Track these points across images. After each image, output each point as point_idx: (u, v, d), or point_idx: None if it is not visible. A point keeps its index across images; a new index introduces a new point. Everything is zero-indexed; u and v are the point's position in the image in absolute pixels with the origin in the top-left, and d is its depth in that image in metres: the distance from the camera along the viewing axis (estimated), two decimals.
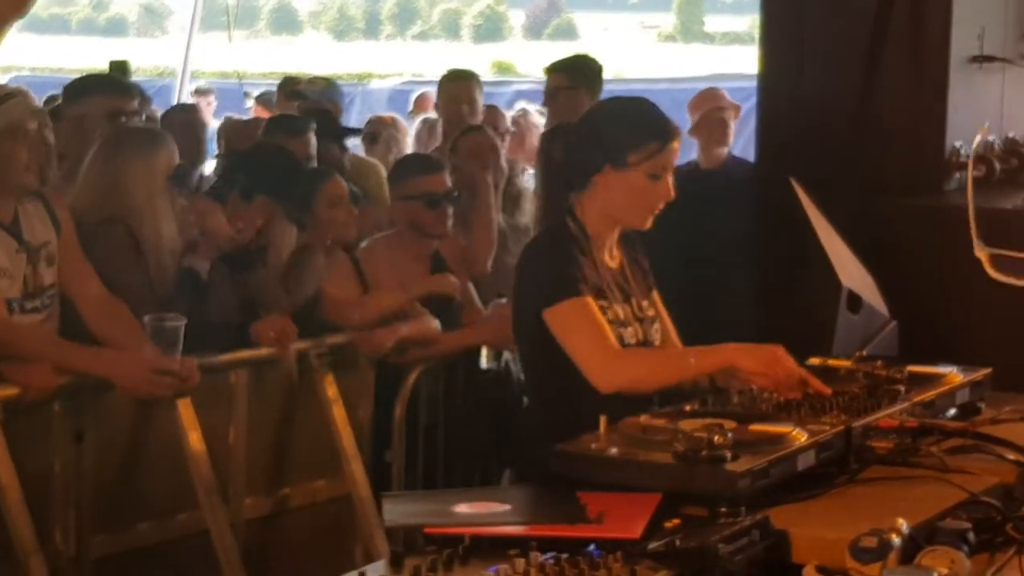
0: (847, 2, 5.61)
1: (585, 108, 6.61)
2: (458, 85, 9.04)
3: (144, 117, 7.39)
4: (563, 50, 10.13)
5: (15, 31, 4.93)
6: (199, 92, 12.04)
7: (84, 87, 7.16)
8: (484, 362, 6.46)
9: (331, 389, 5.92)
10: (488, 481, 3.96)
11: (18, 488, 4.89)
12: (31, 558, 4.85)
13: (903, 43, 5.50)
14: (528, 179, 8.13)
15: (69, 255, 5.41)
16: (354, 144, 8.83)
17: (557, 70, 8.73)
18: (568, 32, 38.08)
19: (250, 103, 10.24)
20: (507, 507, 3.27)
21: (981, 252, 3.42)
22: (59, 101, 7.18)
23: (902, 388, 4.07)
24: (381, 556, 3.37)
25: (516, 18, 39.73)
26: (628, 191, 4.36)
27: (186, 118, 8.44)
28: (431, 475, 6.09)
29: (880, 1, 5.49)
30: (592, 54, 9.26)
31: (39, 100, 6.23)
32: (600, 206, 4.39)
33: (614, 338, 4.28)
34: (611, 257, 4.42)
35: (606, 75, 9.29)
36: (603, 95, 8.24)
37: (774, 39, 5.80)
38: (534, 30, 37.59)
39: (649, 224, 4.45)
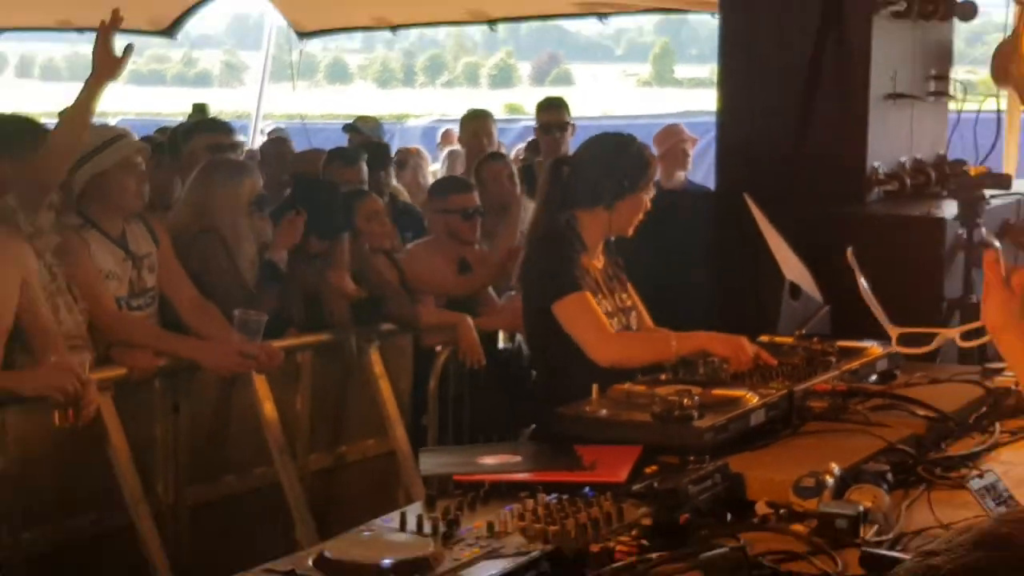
0: (787, 52, 5.51)
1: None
2: (478, 122, 9.08)
3: (235, 151, 7.38)
4: (561, 94, 9.87)
5: (120, 83, 5.05)
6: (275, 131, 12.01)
7: (192, 128, 7.26)
8: (500, 343, 6.54)
9: (378, 367, 5.97)
10: (504, 439, 3.99)
11: (127, 450, 4.98)
12: (138, 506, 4.96)
13: (832, 84, 5.35)
14: None
15: (166, 264, 5.49)
16: None
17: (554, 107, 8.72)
18: (565, 79, 37.90)
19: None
20: (519, 458, 3.34)
21: (892, 331, 3.50)
22: (157, 140, 7.23)
23: (833, 359, 4.19)
24: (418, 499, 3.36)
25: (524, 69, 39.41)
26: (635, 210, 4.53)
27: (277, 149, 8.57)
28: (458, 435, 6.12)
29: (813, 51, 5.38)
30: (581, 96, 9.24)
31: (140, 139, 6.28)
32: (605, 221, 4.52)
33: (608, 324, 4.42)
34: (598, 260, 4.55)
35: (596, 113, 9.36)
36: (595, 131, 8.28)
37: (730, 83, 5.72)
38: (538, 78, 37.28)
39: (631, 232, 4.61)
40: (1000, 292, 2.44)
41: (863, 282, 4.69)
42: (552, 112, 8.60)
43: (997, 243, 5.22)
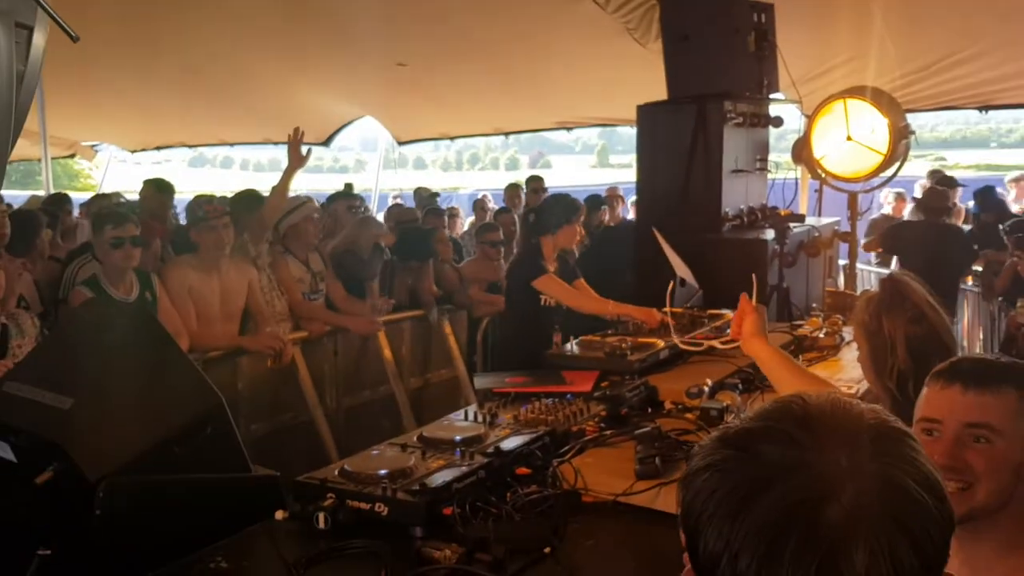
0: (675, 147, 5.43)
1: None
2: (513, 189, 8.93)
3: (363, 209, 7.36)
4: (544, 175, 9.85)
5: (301, 172, 5.04)
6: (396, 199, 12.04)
7: (336, 196, 7.21)
8: None
9: (448, 328, 5.95)
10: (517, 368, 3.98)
11: (309, 377, 5.00)
12: (316, 409, 4.99)
13: (701, 164, 5.29)
14: None
15: (331, 287, 5.41)
16: None
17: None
18: (547, 165, 38.14)
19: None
20: (530, 379, 3.33)
21: (676, 339, 3.35)
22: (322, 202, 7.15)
23: (706, 320, 4.17)
24: (472, 404, 3.38)
25: (523, 160, 39.71)
26: (570, 235, 4.49)
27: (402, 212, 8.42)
28: (495, 367, 5.77)
29: (690, 145, 5.29)
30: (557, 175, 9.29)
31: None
32: (555, 242, 4.47)
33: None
34: (551, 264, 4.46)
35: (565, 183, 9.37)
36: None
37: (643, 164, 5.65)
38: (532, 165, 37.52)
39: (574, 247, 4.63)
40: (750, 314, 2.48)
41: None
42: (536, 183, 8.69)
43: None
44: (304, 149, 4.89)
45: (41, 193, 9.46)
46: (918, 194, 8.19)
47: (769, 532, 0.80)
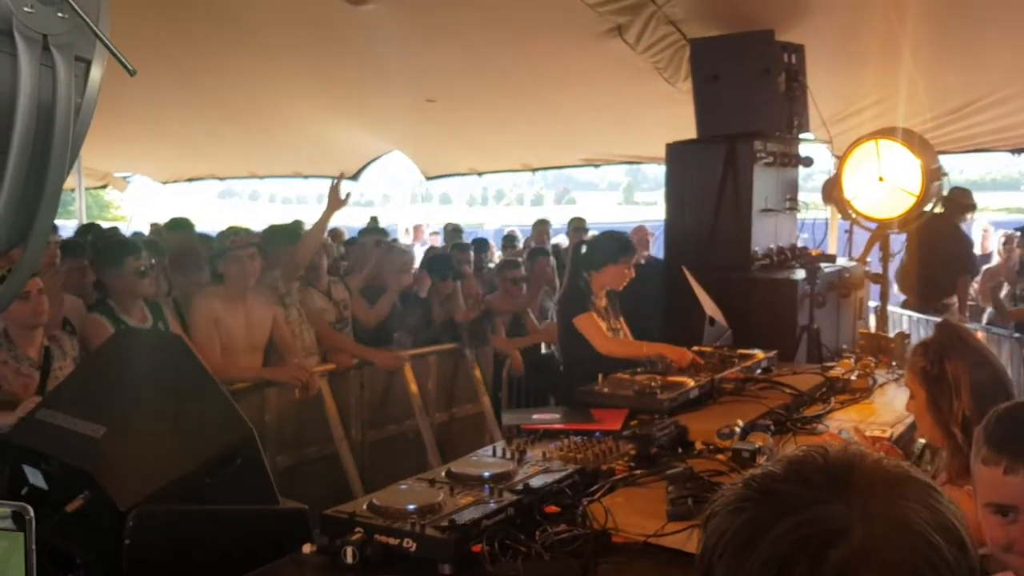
0: (705, 185, 5.44)
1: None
2: (542, 226, 9.12)
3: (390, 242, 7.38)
4: (570, 212, 9.93)
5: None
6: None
7: (366, 230, 7.33)
8: (542, 350, 6.39)
9: (474, 364, 5.96)
10: (540, 406, 3.88)
11: (335, 409, 5.03)
12: (341, 442, 5.01)
13: (730, 203, 5.26)
14: None
15: (356, 307, 5.51)
16: None
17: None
18: (572, 201, 38.36)
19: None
20: (558, 416, 3.32)
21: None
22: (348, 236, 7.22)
23: (736, 360, 4.10)
24: (497, 440, 3.35)
25: (549, 196, 39.95)
26: (617, 274, 4.40)
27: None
28: (520, 403, 6.00)
29: (720, 184, 5.32)
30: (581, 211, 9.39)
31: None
32: (602, 280, 4.41)
33: (607, 332, 4.34)
34: (600, 301, 4.43)
35: (589, 220, 9.47)
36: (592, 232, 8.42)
37: (672, 202, 5.67)
38: (557, 201, 37.76)
39: (620, 289, 4.49)
40: None
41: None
42: (578, 223, 8.89)
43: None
44: (343, 192, 4.97)
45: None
46: None
47: (773, 567, 0.79)
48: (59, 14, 1.02)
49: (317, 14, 6.39)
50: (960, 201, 6.64)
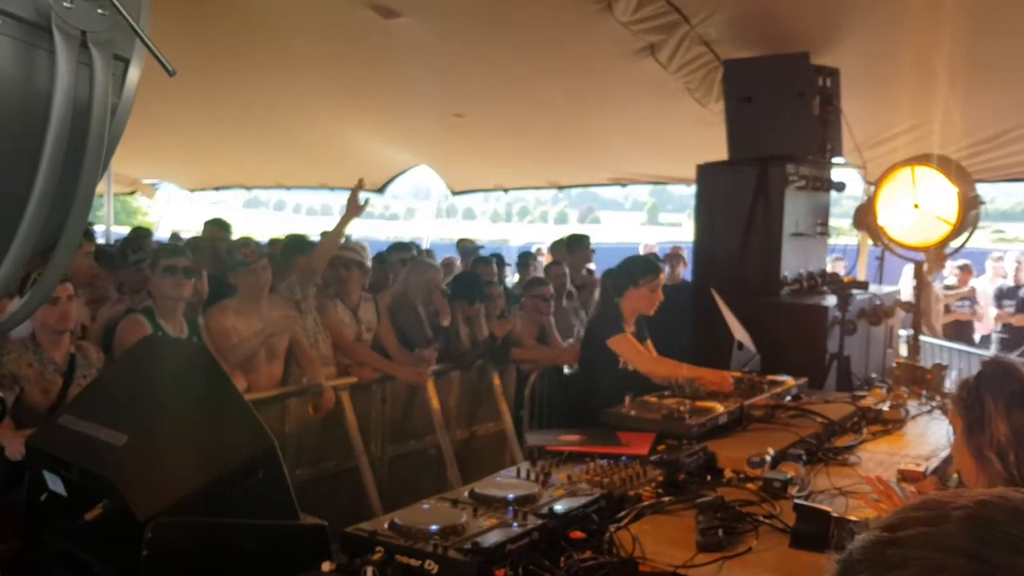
0: (735, 208, 5.39)
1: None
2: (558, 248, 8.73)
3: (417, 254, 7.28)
4: (593, 231, 9.76)
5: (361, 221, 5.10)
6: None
7: (392, 248, 7.23)
8: (565, 370, 6.19)
9: (496, 381, 5.88)
10: (567, 427, 3.82)
11: (356, 423, 4.98)
12: (361, 457, 4.97)
13: (760, 227, 5.21)
14: None
15: (383, 328, 5.37)
16: None
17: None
18: (596, 220, 38.25)
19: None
20: (584, 438, 3.25)
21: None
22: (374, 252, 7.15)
23: (765, 386, 4.02)
24: (519, 462, 3.28)
25: (573, 215, 39.92)
26: (641, 298, 4.26)
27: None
28: (541, 423, 5.84)
29: (750, 207, 5.28)
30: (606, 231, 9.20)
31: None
32: (629, 305, 4.28)
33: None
34: (630, 326, 4.29)
35: (613, 241, 9.21)
36: (613, 252, 8.23)
37: (701, 224, 5.60)
38: (581, 219, 37.70)
39: (652, 312, 4.35)
40: None
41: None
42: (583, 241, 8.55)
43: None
44: (362, 199, 4.94)
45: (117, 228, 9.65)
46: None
47: None
48: (99, 10, 0.99)
49: (348, 26, 6.40)
50: None
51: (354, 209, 4.90)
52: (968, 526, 0.75)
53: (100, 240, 8.46)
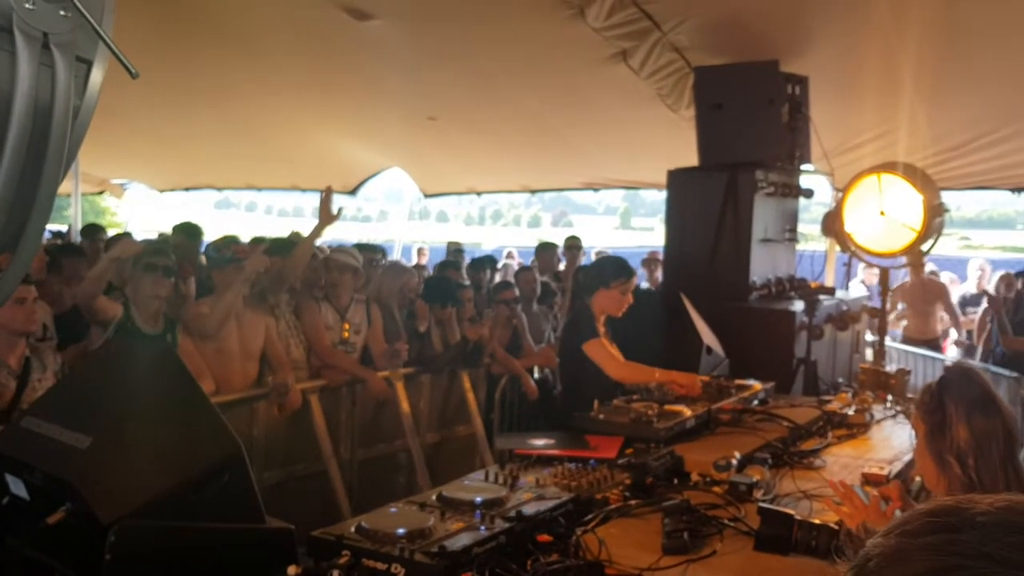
0: (705, 213, 5.43)
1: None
2: (547, 251, 8.68)
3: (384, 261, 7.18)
4: (567, 233, 9.79)
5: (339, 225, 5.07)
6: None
7: (360, 248, 7.06)
8: (536, 374, 6.26)
9: (467, 383, 5.85)
10: (538, 430, 3.78)
11: (325, 427, 4.94)
12: (330, 460, 4.93)
13: (730, 232, 5.22)
14: None
15: (374, 335, 5.38)
16: None
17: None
18: (569, 224, 38.33)
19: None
20: (553, 441, 3.26)
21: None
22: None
23: (733, 390, 4.05)
24: (489, 465, 3.28)
25: (546, 219, 40.04)
26: (611, 299, 4.20)
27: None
28: (512, 426, 5.90)
29: (720, 213, 5.32)
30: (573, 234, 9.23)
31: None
32: (597, 305, 4.21)
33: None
34: (601, 327, 4.24)
35: (586, 245, 9.28)
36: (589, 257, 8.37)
37: (671, 230, 5.64)
38: (554, 223, 37.81)
39: (619, 315, 4.27)
40: None
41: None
42: (573, 241, 8.82)
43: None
44: (335, 208, 4.92)
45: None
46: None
47: None
48: (61, 12, 0.99)
49: (321, 28, 6.38)
50: None
51: (326, 217, 4.88)
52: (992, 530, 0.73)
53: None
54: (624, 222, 42.77)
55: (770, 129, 5.58)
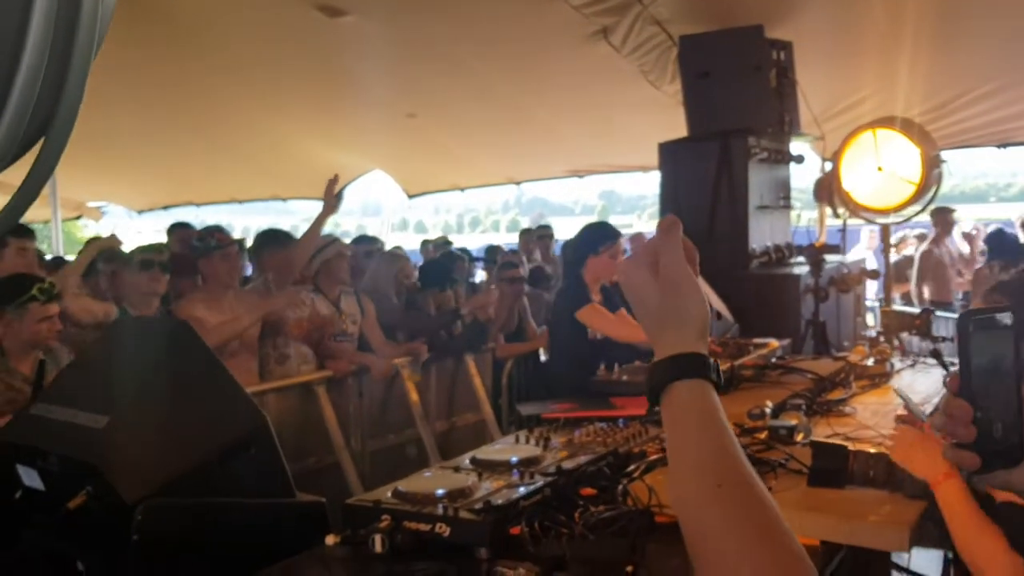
0: (700, 183, 5.41)
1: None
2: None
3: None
4: None
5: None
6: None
7: (358, 240, 7.12)
8: (541, 356, 6.14)
9: (473, 368, 5.78)
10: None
11: (335, 418, 4.86)
12: (342, 451, 4.84)
13: (726, 200, 5.20)
14: None
15: (368, 324, 5.29)
16: None
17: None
18: (547, 226, 38.52)
19: None
20: (577, 405, 3.19)
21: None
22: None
23: (751, 348, 4.00)
24: None
25: (525, 221, 40.22)
26: (602, 265, 4.16)
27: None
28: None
29: (715, 181, 5.29)
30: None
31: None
32: (591, 274, 4.19)
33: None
34: (596, 296, 4.19)
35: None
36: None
37: (665, 203, 5.52)
38: (532, 224, 38.04)
39: (612, 280, 4.19)
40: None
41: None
42: (544, 230, 9.05)
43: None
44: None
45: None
46: None
47: None
48: None
49: (291, 27, 6.24)
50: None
51: (330, 206, 4.80)
52: None
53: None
54: (602, 220, 42.91)
55: (758, 95, 5.53)
